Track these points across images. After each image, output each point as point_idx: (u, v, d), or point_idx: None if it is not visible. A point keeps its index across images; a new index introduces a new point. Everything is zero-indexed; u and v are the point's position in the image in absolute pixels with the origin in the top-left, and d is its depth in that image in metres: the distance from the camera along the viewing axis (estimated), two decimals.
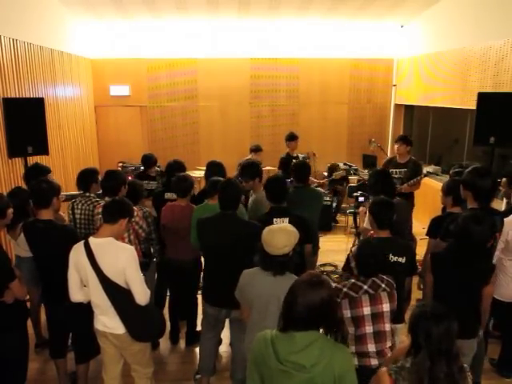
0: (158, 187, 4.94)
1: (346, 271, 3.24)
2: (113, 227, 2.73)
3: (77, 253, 2.71)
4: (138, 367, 2.96)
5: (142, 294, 2.69)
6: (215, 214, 3.19)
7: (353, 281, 2.60)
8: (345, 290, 2.55)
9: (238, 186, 3.25)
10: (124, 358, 2.95)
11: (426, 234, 3.52)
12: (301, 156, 6.60)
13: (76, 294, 2.78)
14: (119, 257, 2.64)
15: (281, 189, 3.47)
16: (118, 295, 2.67)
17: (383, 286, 2.58)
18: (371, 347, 2.53)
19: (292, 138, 6.50)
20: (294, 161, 6.03)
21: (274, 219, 3.29)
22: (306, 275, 1.83)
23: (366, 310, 2.53)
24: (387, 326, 2.58)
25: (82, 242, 2.73)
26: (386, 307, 2.57)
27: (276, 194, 3.45)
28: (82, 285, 2.78)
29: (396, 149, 5.43)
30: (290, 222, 3.22)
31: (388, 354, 2.58)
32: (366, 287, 2.55)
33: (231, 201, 3.15)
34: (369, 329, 2.54)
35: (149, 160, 5.38)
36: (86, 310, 3.08)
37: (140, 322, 2.76)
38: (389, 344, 2.60)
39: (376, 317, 2.55)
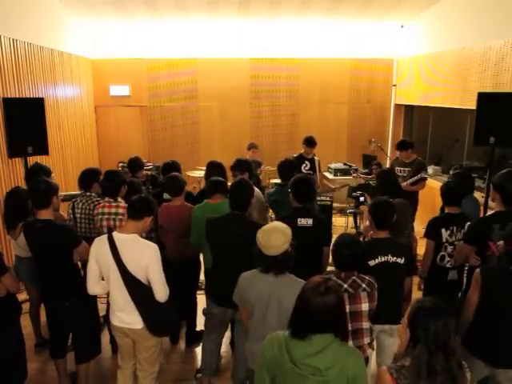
0: (149, 192, 4.63)
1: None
2: (137, 224, 2.78)
3: (100, 246, 2.75)
4: (146, 365, 2.95)
5: (162, 291, 2.74)
6: (225, 215, 3.19)
7: (334, 279, 2.61)
8: None
9: (250, 186, 3.24)
10: (137, 353, 2.96)
11: (424, 235, 3.53)
12: (316, 159, 6.11)
13: (94, 287, 2.83)
14: (143, 253, 2.69)
15: (307, 190, 3.44)
16: (139, 291, 2.72)
17: (364, 285, 2.60)
18: (350, 343, 2.55)
19: (311, 143, 5.94)
20: (306, 162, 5.93)
21: (299, 219, 3.30)
22: (312, 283, 1.83)
23: (345, 309, 2.55)
24: (365, 324, 2.62)
25: (105, 236, 2.77)
26: (364, 306, 2.60)
27: (302, 194, 3.43)
28: (100, 278, 2.82)
29: (399, 155, 5.64)
30: (313, 223, 3.29)
31: (367, 350, 2.63)
32: (346, 286, 2.58)
33: (241, 201, 3.16)
34: (347, 326, 2.55)
35: (134, 164, 4.91)
36: (86, 310, 3.09)
37: (158, 317, 2.80)
38: (367, 340, 2.63)
39: (355, 315, 2.59)
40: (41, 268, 3.19)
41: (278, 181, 6.61)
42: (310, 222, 3.31)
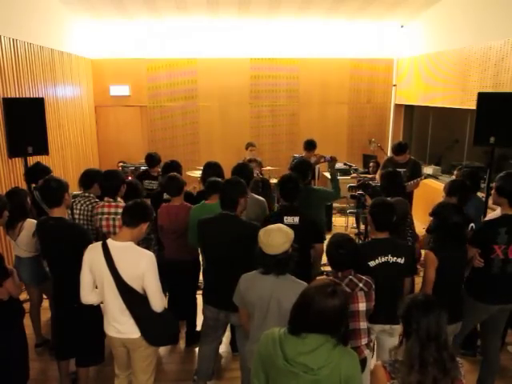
0: (149, 194, 4.66)
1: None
2: (133, 231, 2.67)
3: (93, 254, 2.66)
4: (142, 376, 2.86)
5: (158, 301, 2.67)
6: (216, 215, 3.17)
7: (330, 278, 2.62)
8: None
9: (239, 185, 3.19)
10: (132, 363, 2.87)
11: (427, 231, 3.51)
12: (317, 166, 6.09)
13: (88, 296, 2.74)
14: (140, 262, 2.60)
15: (292, 188, 3.49)
16: (134, 300, 2.64)
17: (361, 285, 2.60)
18: None
19: (310, 147, 5.87)
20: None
21: (285, 217, 3.33)
22: (319, 282, 1.84)
23: (347, 314, 2.54)
24: (362, 324, 2.61)
25: (99, 244, 2.67)
26: (362, 306, 2.59)
27: (288, 192, 3.49)
28: (94, 286, 2.74)
29: (395, 157, 5.50)
30: (300, 221, 3.30)
31: (364, 350, 2.61)
32: (342, 285, 2.57)
33: (229, 200, 3.13)
34: (346, 331, 2.54)
35: (152, 159, 5.33)
36: (93, 313, 3.01)
37: (155, 327, 2.72)
38: (364, 341, 2.62)
39: (351, 315, 2.57)
40: (52, 268, 3.16)
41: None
42: (296, 219, 3.32)
